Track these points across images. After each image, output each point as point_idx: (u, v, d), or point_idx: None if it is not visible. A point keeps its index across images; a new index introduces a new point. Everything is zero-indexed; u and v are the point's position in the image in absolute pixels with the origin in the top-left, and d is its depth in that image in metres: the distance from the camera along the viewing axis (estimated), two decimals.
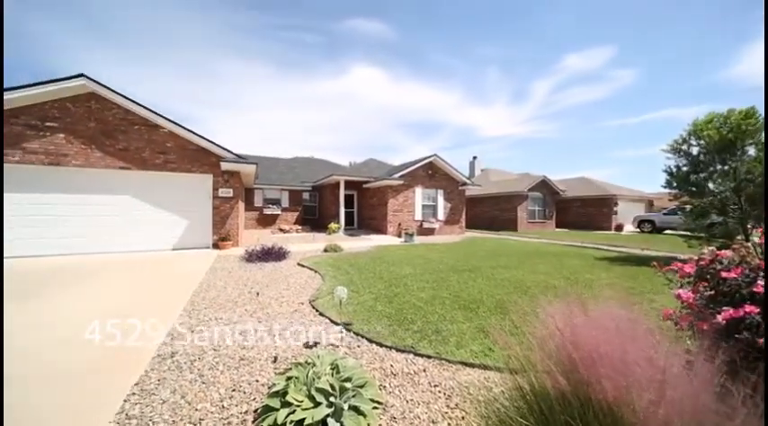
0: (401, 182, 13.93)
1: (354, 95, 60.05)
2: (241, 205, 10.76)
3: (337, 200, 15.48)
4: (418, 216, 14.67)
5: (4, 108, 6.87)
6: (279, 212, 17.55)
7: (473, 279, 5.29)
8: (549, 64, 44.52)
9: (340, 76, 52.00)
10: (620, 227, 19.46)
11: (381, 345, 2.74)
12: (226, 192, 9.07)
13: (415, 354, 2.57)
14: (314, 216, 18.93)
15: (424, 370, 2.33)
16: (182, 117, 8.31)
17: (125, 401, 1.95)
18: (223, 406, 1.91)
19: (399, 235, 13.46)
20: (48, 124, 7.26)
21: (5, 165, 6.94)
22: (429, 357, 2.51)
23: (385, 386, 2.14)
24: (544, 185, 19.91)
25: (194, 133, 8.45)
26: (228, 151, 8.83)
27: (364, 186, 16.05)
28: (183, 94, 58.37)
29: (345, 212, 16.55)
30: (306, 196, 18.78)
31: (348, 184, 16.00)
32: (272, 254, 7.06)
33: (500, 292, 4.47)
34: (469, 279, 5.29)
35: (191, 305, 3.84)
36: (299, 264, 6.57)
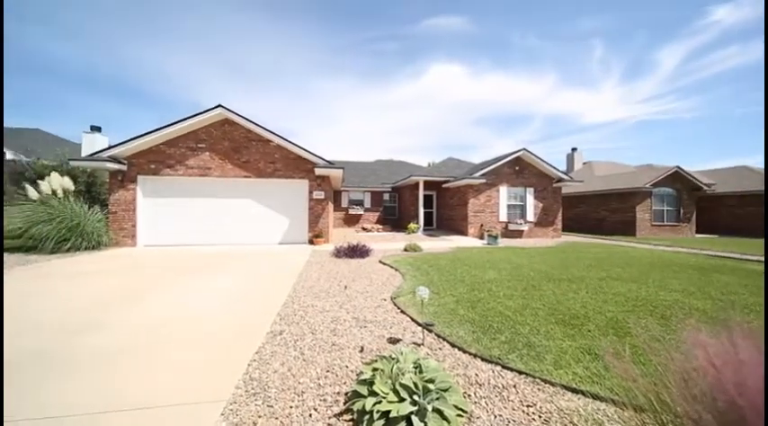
0: (483, 181, 13.08)
1: (432, 96, 59.32)
2: (330, 206, 11.96)
3: (416, 201, 15.61)
4: (503, 217, 13.51)
5: (177, 136, 9.39)
6: (362, 212, 18.79)
7: (574, 291, 4.55)
8: (684, 24, 34.53)
9: (418, 78, 52.22)
10: None
11: (465, 351, 2.63)
12: (318, 195, 10.24)
13: (504, 367, 2.37)
14: (394, 216, 19.56)
15: (515, 386, 2.12)
16: (277, 129, 9.78)
17: (248, 365, 2.40)
18: (319, 384, 2.16)
19: (481, 237, 12.67)
20: (199, 145, 9.58)
21: (175, 176, 9.47)
22: (520, 372, 2.28)
23: (469, 395, 2.04)
24: (677, 178, 15.63)
25: (295, 144, 9.82)
26: (321, 158, 9.94)
27: (443, 186, 15.70)
28: (283, 111, 68.69)
29: (424, 212, 16.56)
30: (386, 197, 19.58)
31: (427, 184, 15.95)
32: (356, 252, 7.61)
33: (613, 309, 3.72)
34: (569, 291, 4.58)
35: (293, 291, 4.47)
36: (380, 262, 6.89)
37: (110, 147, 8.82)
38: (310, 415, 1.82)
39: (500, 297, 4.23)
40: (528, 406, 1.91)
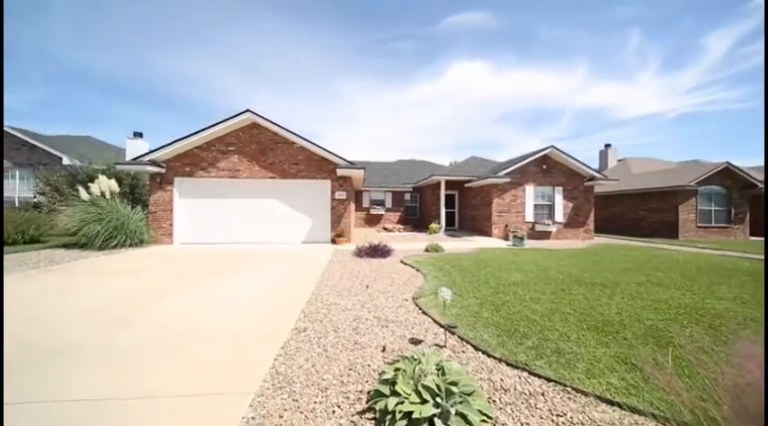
0: (507, 180, 12.65)
1: (453, 94, 58.31)
2: (352, 206, 12.11)
3: (438, 201, 15.41)
4: (529, 217, 13.00)
5: (209, 140, 9.93)
6: (383, 212, 18.85)
7: (608, 296, 4.29)
8: (735, 5, 31.25)
9: (438, 77, 51.61)
10: None
11: (489, 355, 2.56)
12: (340, 195, 10.40)
13: (531, 373, 2.28)
14: (415, 216, 19.44)
15: (543, 394, 2.04)
16: (296, 131, 10.07)
17: (275, 360, 2.49)
18: (342, 381, 2.19)
19: (506, 238, 12.27)
20: (229, 148, 10.08)
21: (207, 178, 10.01)
22: (549, 379, 2.18)
23: (494, 401, 1.98)
24: (727, 175, 14.25)
25: (318, 145, 10.05)
26: (342, 159, 10.10)
27: (466, 185, 15.39)
28: (303, 113, 70.47)
29: (446, 212, 16.31)
30: (407, 197, 19.51)
31: (449, 184, 15.70)
32: (377, 251, 7.65)
33: (653, 317, 3.46)
34: (603, 296, 4.32)
35: (317, 290, 4.58)
36: (401, 262, 6.87)
37: (150, 152, 9.51)
38: (333, 411, 1.86)
39: (526, 300, 4.07)
40: (558, 416, 1.83)
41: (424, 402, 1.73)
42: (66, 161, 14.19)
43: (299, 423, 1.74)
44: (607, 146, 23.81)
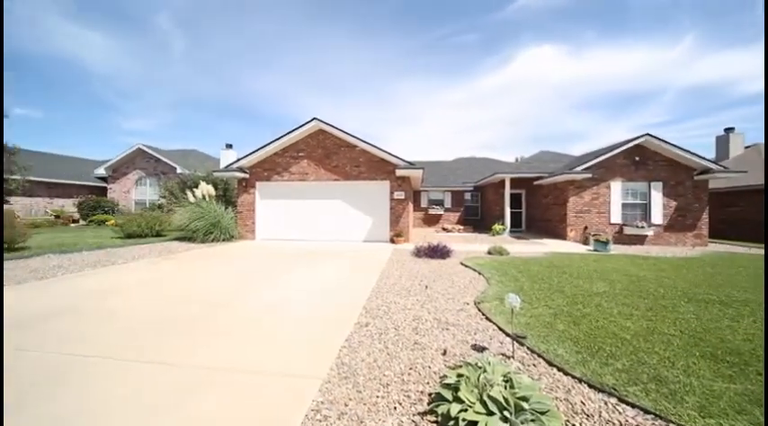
0: (587, 176, 11.08)
1: (521, 84, 53.09)
2: (410, 206, 12.15)
3: (502, 200, 14.41)
4: (615, 218, 11.18)
5: (284, 147, 11.10)
6: (442, 212, 18.43)
7: (732, 318, 3.42)
8: None
9: (504, 67, 47.60)
10: None
11: (566, 373, 2.29)
12: (399, 195, 10.52)
13: (621, 400, 1.96)
14: (476, 216, 18.53)
15: None
16: (357, 134, 10.48)
17: (340, 351, 2.65)
18: (403, 380, 2.21)
19: (585, 242, 10.79)
20: (299, 154, 11.09)
21: (281, 182, 11.19)
22: (646, 411, 1.84)
23: (573, 425, 1.76)
24: None
25: (377, 147, 10.35)
26: (401, 159, 10.20)
27: (535, 183, 14.01)
28: (366, 114, 73.06)
29: (511, 212, 15.14)
30: (467, 196, 18.71)
31: (514, 182, 14.55)
32: (437, 252, 7.50)
33: None
34: (723, 317, 3.47)
35: (377, 287, 4.72)
36: (461, 264, 6.62)
37: (237, 160, 11.07)
38: (395, 408, 1.89)
39: (613, 314, 3.51)
40: None
41: (490, 413, 1.64)
42: (179, 170, 17.49)
43: (362, 414, 1.82)
44: (728, 130, 18.94)
